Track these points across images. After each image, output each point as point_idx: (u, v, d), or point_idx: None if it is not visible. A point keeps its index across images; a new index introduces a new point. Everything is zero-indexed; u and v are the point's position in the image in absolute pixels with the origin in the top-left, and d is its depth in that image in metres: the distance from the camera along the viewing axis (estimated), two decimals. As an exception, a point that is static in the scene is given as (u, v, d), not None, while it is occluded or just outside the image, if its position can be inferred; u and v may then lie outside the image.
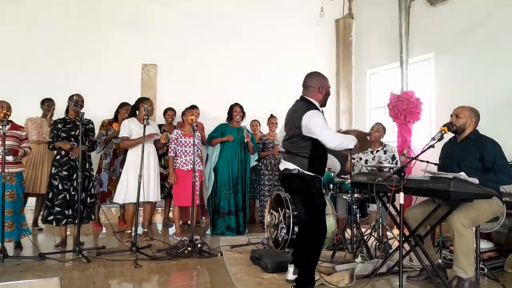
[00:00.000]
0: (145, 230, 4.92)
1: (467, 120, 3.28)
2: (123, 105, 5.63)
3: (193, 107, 5.95)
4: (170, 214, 5.94)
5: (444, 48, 5.59)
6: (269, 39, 7.26)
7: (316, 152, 2.97)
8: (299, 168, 2.94)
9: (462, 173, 2.83)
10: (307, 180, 2.95)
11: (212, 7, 7.12)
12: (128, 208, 4.70)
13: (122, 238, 4.69)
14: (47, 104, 5.45)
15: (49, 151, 4.86)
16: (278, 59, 7.24)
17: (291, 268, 3.22)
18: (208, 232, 5.28)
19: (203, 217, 5.99)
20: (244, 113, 5.51)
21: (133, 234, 4.33)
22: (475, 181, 2.82)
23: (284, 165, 3.06)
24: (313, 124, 2.89)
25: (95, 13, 6.57)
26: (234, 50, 7.12)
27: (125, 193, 4.61)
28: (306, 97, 3.11)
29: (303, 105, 3.03)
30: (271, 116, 6.07)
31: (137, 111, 4.85)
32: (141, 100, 4.83)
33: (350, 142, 2.98)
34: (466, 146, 3.29)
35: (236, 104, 5.52)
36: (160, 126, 5.69)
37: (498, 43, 4.78)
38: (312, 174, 2.95)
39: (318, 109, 3.03)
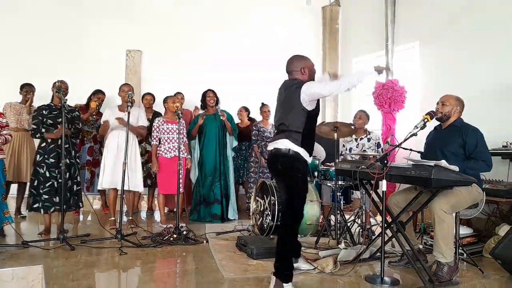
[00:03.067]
0: (130, 218, 4.91)
1: (452, 108, 3.37)
2: (96, 92, 5.61)
3: (177, 94, 5.89)
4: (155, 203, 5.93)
5: (429, 38, 5.63)
6: (257, 26, 7.22)
7: (310, 126, 2.94)
8: (290, 147, 2.85)
9: (443, 160, 2.89)
10: (294, 161, 2.87)
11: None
12: (109, 194, 4.69)
13: (107, 225, 4.68)
14: (26, 89, 5.34)
15: (32, 138, 4.78)
16: (265, 46, 7.20)
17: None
18: (191, 218, 5.30)
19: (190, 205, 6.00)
20: (217, 98, 5.46)
21: (118, 221, 4.31)
22: (456, 168, 2.89)
23: (274, 144, 2.96)
24: (316, 87, 2.85)
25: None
26: (221, 37, 7.06)
27: (103, 178, 4.60)
28: (294, 78, 3.05)
29: (297, 80, 2.99)
30: (263, 104, 6.02)
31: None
32: (121, 85, 4.81)
33: (364, 75, 2.87)
34: (450, 132, 3.38)
35: (209, 90, 5.48)
36: None
37: (481, 33, 4.82)
38: (301, 153, 2.87)
39: None
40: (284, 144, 2.88)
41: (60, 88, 4.26)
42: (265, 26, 7.24)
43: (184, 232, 4.19)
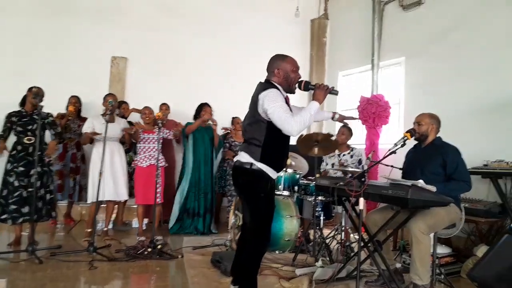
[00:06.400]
0: (105, 229, 4.78)
1: (428, 127, 3.36)
2: (72, 98, 5.51)
3: (162, 105, 5.81)
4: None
5: (415, 53, 5.63)
6: (244, 36, 7.17)
7: (271, 140, 2.60)
8: (252, 161, 2.59)
9: (420, 180, 2.85)
10: (255, 179, 2.61)
11: (187, 1, 6.98)
12: (92, 205, 4.57)
13: (80, 237, 4.54)
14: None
15: None
16: (252, 57, 7.13)
17: None
18: (172, 230, 5.16)
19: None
20: (212, 114, 5.42)
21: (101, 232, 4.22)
22: (433, 188, 2.85)
23: (238, 156, 2.73)
24: (269, 102, 2.51)
25: (61, 1, 6.33)
26: (208, 47, 7.00)
27: (91, 191, 4.48)
28: (269, 79, 2.77)
29: (264, 86, 2.67)
30: (233, 118, 5.99)
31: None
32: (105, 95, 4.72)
33: (309, 115, 2.55)
34: (429, 152, 3.36)
35: (207, 104, 5.42)
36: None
37: (466, 50, 4.84)
38: (264, 169, 2.60)
39: (277, 89, 2.67)
40: (244, 157, 2.65)
41: (38, 94, 4.16)
42: (253, 37, 7.20)
43: (159, 246, 4.08)
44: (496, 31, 4.48)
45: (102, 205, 4.71)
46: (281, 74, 2.71)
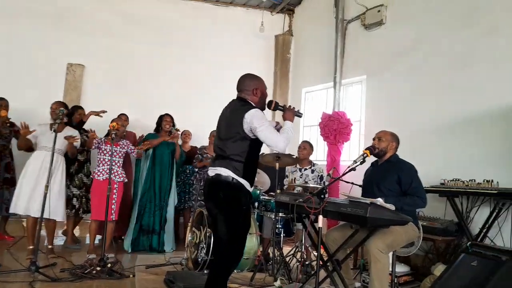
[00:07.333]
0: (49, 246, 4.43)
1: (388, 144, 3.37)
2: (2, 100, 4.99)
3: (121, 115, 5.57)
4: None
5: (376, 72, 5.74)
6: (207, 49, 7.10)
7: (252, 156, 2.75)
8: (233, 175, 2.66)
9: (379, 198, 2.81)
10: (238, 192, 2.68)
11: (150, 10, 6.85)
12: (27, 221, 4.23)
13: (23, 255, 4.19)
14: None
15: None
16: (214, 71, 7.08)
17: None
18: (126, 248, 4.89)
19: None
20: (174, 124, 5.24)
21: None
22: (392, 207, 2.81)
23: (215, 170, 2.73)
24: (258, 121, 2.65)
25: (18, 5, 6.01)
26: (170, 58, 6.88)
27: (15, 203, 4.13)
28: (244, 98, 2.85)
29: (243, 104, 2.78)
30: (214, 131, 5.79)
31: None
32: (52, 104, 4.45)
33: (291, 133, 2.81)
34: (386, 168, 3.37)
35: (167, 114, 5.25)
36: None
37: (424, 70, 4.97)
38: (244, 183, 2.70)
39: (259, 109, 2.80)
40: (226, 172, 2.68)
41: None
42: (217, 50, 7.14)
43: (109, 265, 3.82)
44: (453, 52, 4.63)
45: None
46: (259, 94, 2.85)
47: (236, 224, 2.69)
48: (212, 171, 2.77)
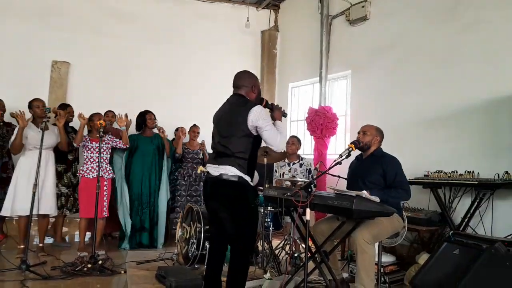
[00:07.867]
0: (40, 245, 4.44)
1: (372, 138, 3.44)
2: None
3: (108, 112, 5.56)
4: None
5: (360, 67, 5.81)
6: (193, 45, 7.09)
7: (253, 153, 2.78)
8: (239, 173, 2.66)
9: (364, 191, 2.90)
10: (246, 190, 2.71)
11: (135, 6, 6.81)
12: (20, 220, 4.22)
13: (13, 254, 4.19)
14: None
15: None
16: (202, 67, 7.09)
17: None
18: (124, 246, 4.89)
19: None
20: (155, 121, 5.23)
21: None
22: (376, 199, 2.90)
23: (218, 169, 2.70)
24: (263, 121, 2.69)
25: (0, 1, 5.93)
26: (156, 54, 6.86)
27: (12, 203, 4.12)
28: (243, 94, 2.86)
29: (244, 101, 2.79)
30: (195, 125, 5.83)
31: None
32: (33, 101, 4.40)
33: (284, 132, 2.92)
34: (370, 162, 3.45)
35: (149, 111, 5.23)
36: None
37: (407, 65, 5.04)
38: (249, 180, 2.73)
39: None
40: (231, 170, 2.68)
41: None
42: (204, 46, 7.14)
43: (100, 262, 3.85)
44: (435, 48, 4.73)
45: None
46: (256, 92, 2.91)
47: (250, 220, 2.78)
48: (214, 170, 2.74)
